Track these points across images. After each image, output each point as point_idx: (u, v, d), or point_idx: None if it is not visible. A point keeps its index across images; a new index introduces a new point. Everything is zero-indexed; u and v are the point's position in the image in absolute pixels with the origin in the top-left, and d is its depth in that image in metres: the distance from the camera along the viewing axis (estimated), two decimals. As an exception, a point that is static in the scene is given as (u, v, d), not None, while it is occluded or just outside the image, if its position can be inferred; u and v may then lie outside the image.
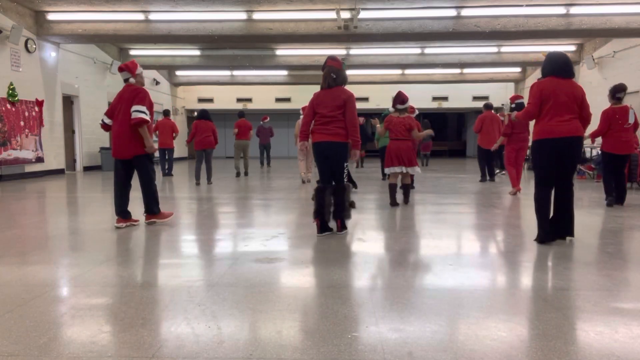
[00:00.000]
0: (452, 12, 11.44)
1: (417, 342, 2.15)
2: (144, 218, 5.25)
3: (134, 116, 4.81)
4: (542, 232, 4.18)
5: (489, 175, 10.47)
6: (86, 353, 2.05)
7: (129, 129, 4.89)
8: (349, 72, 17.65)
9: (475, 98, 21.76)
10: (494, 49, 16.02)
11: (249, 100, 23.06)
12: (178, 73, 20.78)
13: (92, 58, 14.76)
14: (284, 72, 19.56)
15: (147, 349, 2.10)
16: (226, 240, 4.44)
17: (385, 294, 2.84)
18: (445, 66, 17.44)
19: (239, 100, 23.03)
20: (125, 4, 11.14)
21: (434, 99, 22.74)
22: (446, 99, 22.79)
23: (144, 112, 4.84)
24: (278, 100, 22.98)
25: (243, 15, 11.77)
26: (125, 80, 5.08)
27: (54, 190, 9.02)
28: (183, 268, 3.45)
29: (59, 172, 12.94)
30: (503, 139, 8.63)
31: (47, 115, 12.38)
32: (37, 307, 2.61)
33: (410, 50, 15.96)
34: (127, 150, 4.96)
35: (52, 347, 2.12)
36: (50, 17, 11.76)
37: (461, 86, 21.50)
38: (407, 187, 6.70)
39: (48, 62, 12.53)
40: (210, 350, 2.08)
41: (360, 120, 14.31)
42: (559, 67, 4.17)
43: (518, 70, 19.28)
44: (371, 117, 10.22)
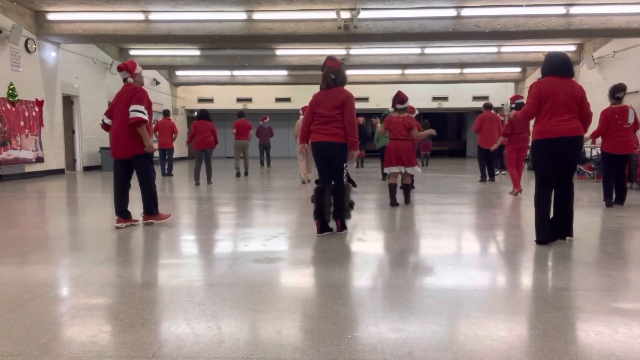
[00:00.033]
0: (452, 12, 11.45)
1: (417, 342, 2.16)
2: (142, 218, 5.26)
3: (131, 116, 4.80)
4: (542, 232, 4.17)
5: (489, 175, 10.47)
6: (86, 353, 2.05)
7: (127, 128, 4.87)
8: (349, 72, 17.66)
9: (475, 98, 21.76)
10: (494, 49, 16.02)
11: (249, 100, 23.06)
12: (178, 73, 20.78)
13: (92, 58, 14.76)
14: (284, 72, 19.56)
15: (147, 349, 2.10)
16: (226, 240, 4.44)
17: (385, 294, 2.84)
18: (445, 66, 17.45)
19: (239, 100, 23.03)
20: (125, 4, 11.14)
21: (434, 99, 22.75)
22: (446, 99, 22.80)
23: (142, 111, 4.83)
24: (278, 100, 22.99)
25: (243, 15, 11.77)
26: (124, 80, 5.07)
27: (54, 190, 9.02)
28: (183, 268, 3.45)
29: (59, 172, 12.94)
30: (503, 139, 8.63)
31: (47, 115, 12.38)
32: (37, 307, 2.61)
33: (410, 50, 15.96)
34: (126, 150, 4.95)
35: (52, 347, 2.12)
36: (50, 17, 11.76)
37: (461, 86, 21.51)
38: (407, 187, 6.70)
39: (48, 62, 12.53)
40: (210, 350, 2.08)
41: (360, 120, 14.29)
42: (558, 67, 4.17)
43: (518, 70, 19.28)
44: (371, 117, 10.22)
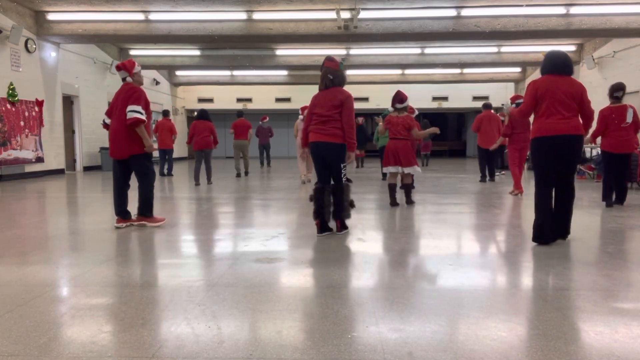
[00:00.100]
0: (452, 12, 11.45)
1: (417, 342, 2.15)
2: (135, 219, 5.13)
3: (129, 116, 4.76)
4: (540, 232, 4.16)
5: (489, 175, 10.47)
6: (86, 353, 2.05)
7: (125, 128, 4.83)
8: (349, 72, 17.55)
9: (475, 98, 21.76)
10: (494, 49, 16.03)
11: (249, 100, 23.06)
12: (178, 73, 20.78)
13: (92, 58, 14.77)
14: (284, 72, 19.56)
15: (147, 349, 2.10)
16: (226, 240, 4.44)
17: (385, 294, 2.84)
18: (445, 66, 17.45)
19: (239, 100, 23.02)
20: (125, 4, 11.14)
21: (434, 99, 22.74)
22: (446, 99, 22.80)
23: (139, 111, 4.78)
24: (278, 100, 22.99)
25: (243, 15, 11.78)
26: (123, 79, 5.03)
27: (54, 190, 9.02)
28: (183, 268, 3.45)
29: (59, 172, 12.94)
30: (503, 139, 8.63)
31: (47, 115, 12.38)
32: (37, 307, 2.61)
33: (410, 50, 15.96)
34: (124, 150, 4.91)
35: (52, 347, 2.12)
36: (50, 17, 11.77)
37: (461, 86, 21.51)
38: (407, 187, 6.64)
39: (48, 62, 12.53)
40: (210, 350, 2.08)
41: (359, 120, 14.28)
42: (557, 65, 4.16)
43: (518, 70, 19.28)
44: (371, 117, 10.24)
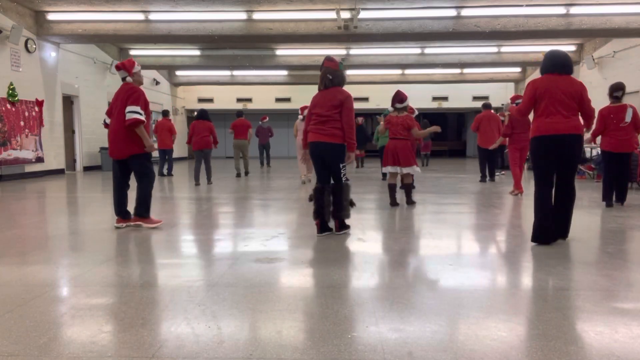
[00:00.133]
0: (452, 12, 11.45)
1: (417, 342, 2.15)
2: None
3: (128, 117, 4.74)
4: (539, 231, 4.15)
5: (489, 175, 10.47)
6: (86, 353, 2.05)
7: (124, 128, 4.81)
8: (349, 72, 17.51)
9: (475, 98, 21.76)
10: (494, 49, 16.03)
11: (249, 100, 23.06)
12: (178, 73, 20.78)
13: (92, 58, 14.77)
14: (284, 72, 19.56)
15: (147, 349, 2.10)
16: (226, 240, 4.44)
17: (385, 294, 2.84)
18: (445, 66, 17.45)
19: (239, 100, 23.02)
20: (125, 4, 11.14)
21: (434, 99, 22.74)
22: (446, 99, 22.80)
23: (138, 112, 4.76)
24: (278, 100, 22.99)
25: (243, 15, 11.78)
26: (122, 79, 5.01)
27: (54, 190, 9.02)
28: (183, 268, 3.45)
29: (59, 172, 12.94)
30: (502, 139, 8.64)
31: (47, 115, 12.38)
32: (37, 307, 2.61)
33: (410, 50, 15.96)
34: (123, 150, 4.89)
35: (52, 347, 2.11)
36: (50, 17, 11.77)
37: (461, 86, 21.51)
38: (408, 187, 6.61)
39: (48, 62, 12.53)
40: (210, 350, 2.08)
41: (359, 120, 14.28)
42: (555, 64, 4.16)
43: (518, 70, 19.29)
44: (371, 117, 10.24)
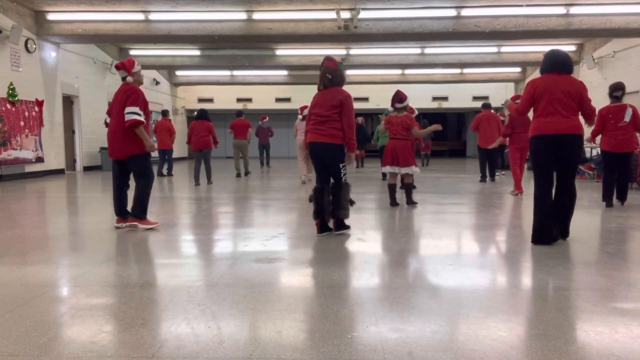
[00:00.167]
0: (452, 12, 11.45)
1: (417, 342, 2.15)
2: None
3: (127, 118, 4.72)
4: (539, 232, 4.14)
5: (490, 175, 10.47)
6: (86, 353, 2.05)
7: (122, 129, 4.80)
8: (349, 72, 17.48)
9: (475, 98, 21.75)
10: (494, 49, 16.02)
11: (249, 100, 23.06)
12: (178, 73, 20.78)
13: (92, 58, 14.77)
14: (284, 72, 19.56)
15: (147, 349, 2.10)
16: (226, 240, 4.44)
17: (385, 294, 2.84)
18: (445, 66, 17.45)
19: (239, 100, 23.02)
20: (125, 4, 11.14)
21: (434, 99, 22.74)
22: (446, 99, 22.80)
23: (137, 113, 4.74)
24: (278, 100, 22.99)
25: (243, 15, 11.78)
26: (122, 78, 4.99)
27: (54, 190, 9.02)
28: (183, 268, 3.45)
29: (59, 172, 12.94)
30: (502, 139, 8.64)
31: (47, 115, 12.38)
32: (37, 307, 2.61)
33: (410, 50, 15.96)
34: (122, 150, 4.88)
35: (52, 347, 2.11)
36: (50, 17, 11.77)
37: (461, 86, 21.50)
38: (408, 187, 6.58)
39: (48, 62, 12.53)
40: (210, 350, 2.08)
41: (359, 120, 14.28)
42: (555, 64, 4.15)
43: (518, 70, 19.28)
44: (371, 117, 10.25)
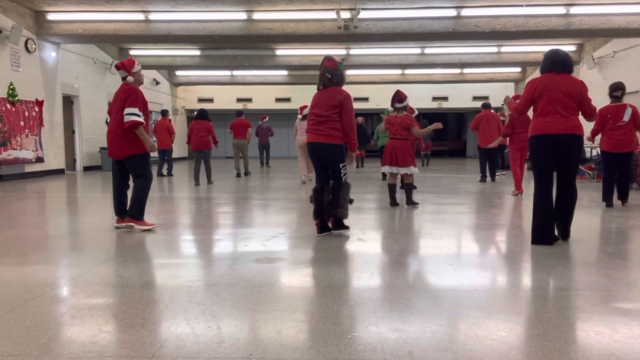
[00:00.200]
0: (452, 12, 11.45)
1: (417, 342, 2.15)
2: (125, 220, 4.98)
3: (126, 119, 4.71)
4: (538, 232, 4.14)
5: (490, 175, 10.47)
6: (86, 353, 2.05)
7: (121, 129, 4.79)
8: (349, 72, 17.47)
9: (475, 98, 21.74)
10: (494, 49, 16.02)
11: (249, 100, 23.06)
12: (178, 73, 20.77)
13: (92, 58, 14.76)
14: (284, 72, 19.56)
15: (147, 349, 2.10)
16: (226, 240, 4.44)
17: (385, 294, 2.84)
18: (445, 66, 17.45)
19: (239, 100, 23.02)
20: (125, 4, 11.14)
21: (434, 99, 22.74)
22: (446, 99, 22.80)
23: (136, 114, 4.73)
24: (278, 100, 22.99)
25: (243, 15, 11.78)
26: (122, 78, 4.98)
27: (54, 190, 9.02)
28: (183, 268, 3.45)
29: (59, 172, 12.94)
30: (502, 139, 8.65)
31: (47, 115, 12.38)
32: (37, 307, 2.61)
33: (410, 50, 15.96)
34: (120, 151, 4.87)
35: (52, 347, 2.11)
36: (50, 17, 11.76)
37: (461, 86, 21.50)
38: (408, 187, 6.56)
39: (48, 62, 12.53)
40: (210, 350, 2.08)
41: (359, 120, 14.28)
42: (555, 63, 4.14)
43: (518, 70, 19.28)
44: (371, 117, 10.26)
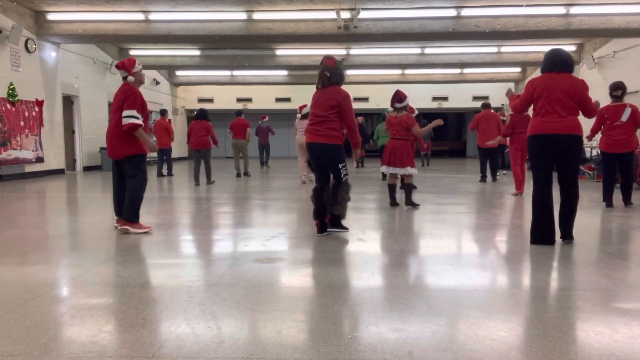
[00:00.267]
0: (452, 12, 11.45)
1: (417, 342, 2.15)
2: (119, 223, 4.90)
3: (124, 122, 4.69)
4: (537, 232, 4.13)
5: (491, 175, 10.47)
6: (86, 353, 2.05)
7: (118, 129, 4.77)
8: (349, 72, 17.48)
9: (475, 98, 21.74)
10: (494, 49, 16.02)
11: (249, 100, 23.06)
12: (178, 73, 20.77)
13: (92, 58, 14.76)
14: (284, 72, 19.56)
15: (147, 349, 2.10)
16: (226, 240, 4.44)
17: (385, 294, 2.84)
18: (445, 66, 17.45)
19: (239, 100, 23.02)
20: (125, 4, 11.14)
21: (434, 99, 22.74)
22: (446, 99, 22.79)
23: (134, 116, 4.71)
24: (278, 100, 22.99)
25: (243, 15, 11.77)
26: (123, 78, 4.96)
27: (54, 190, 9.02)
28: (183, 268, 3.45)
29: (59, 172, 12.94)
30: (502, 139, 8.65)
31: (47, 115, 12.38)
32: (37, 307, 2.61)
33: (410, 50, 15.96)
34: (118, 151, 4.85)
35: (52, 347, 2.11)
36: (50, 17, 11.76)
37: (461, 86, 21.50)
38: (408, 187, 6.52)
39: (48, 62, 12.53)
40: (210, 350, 2.08)
41: (359, 119, 14.30)
42: (555, 63, 4.14)
43: (518, 70, 19.28)
44: (371, 117, 10.26)
